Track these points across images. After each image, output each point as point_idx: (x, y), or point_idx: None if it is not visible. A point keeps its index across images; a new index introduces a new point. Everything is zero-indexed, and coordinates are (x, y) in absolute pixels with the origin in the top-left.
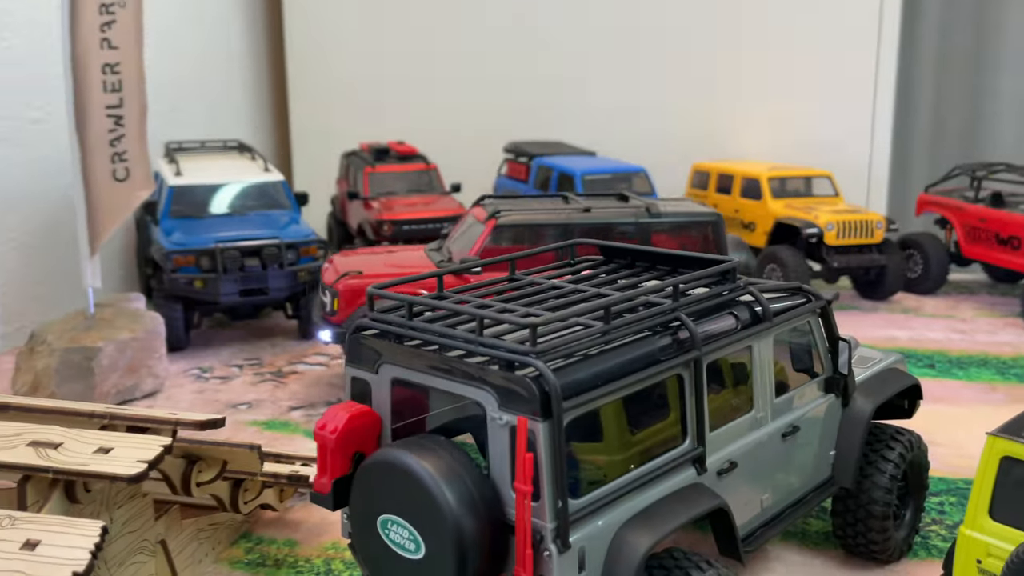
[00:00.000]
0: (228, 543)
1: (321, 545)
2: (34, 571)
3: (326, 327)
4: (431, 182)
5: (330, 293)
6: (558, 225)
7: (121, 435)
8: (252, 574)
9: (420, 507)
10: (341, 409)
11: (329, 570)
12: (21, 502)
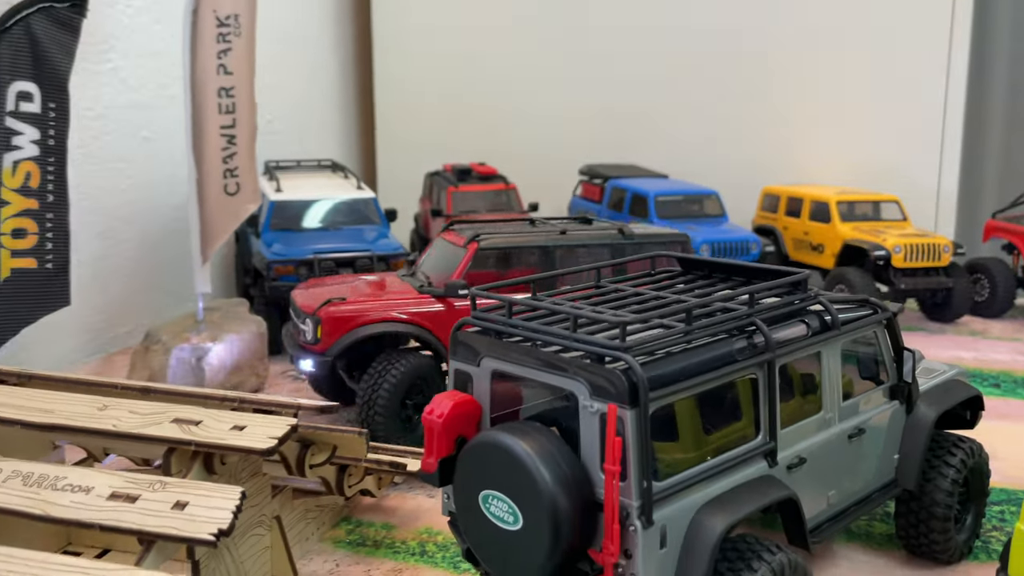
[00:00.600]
0: (331, 525)
1: (415, 529)
2: (184, 527)
3: (307, 356)
4: (509, 201)
5: (312, 321)
6: (537, 247)
7: (252, 415)
8: (353, 553)
9: (519, 484)
10: (446, 397)
11: (424, 552)
12: (166, 471)
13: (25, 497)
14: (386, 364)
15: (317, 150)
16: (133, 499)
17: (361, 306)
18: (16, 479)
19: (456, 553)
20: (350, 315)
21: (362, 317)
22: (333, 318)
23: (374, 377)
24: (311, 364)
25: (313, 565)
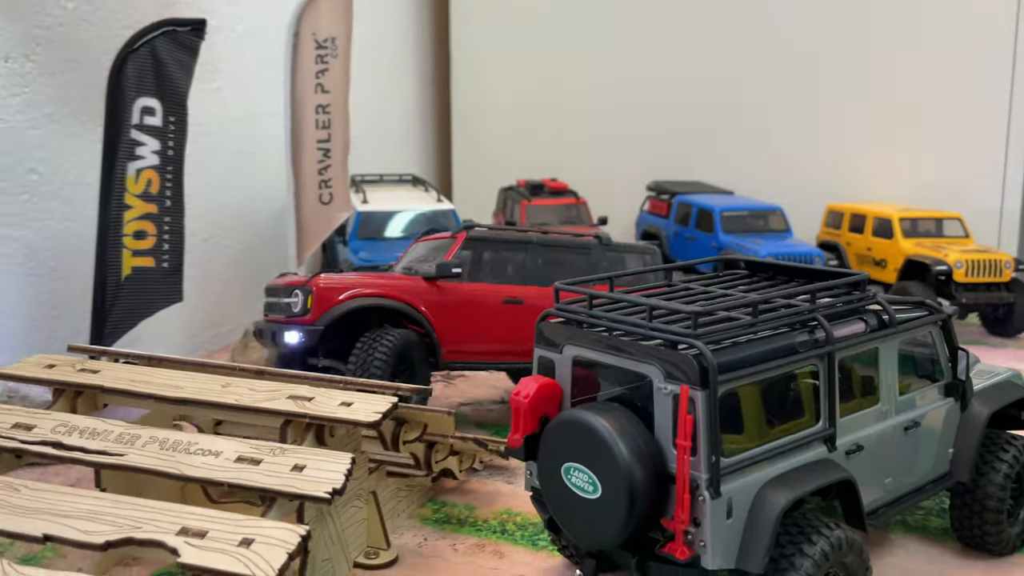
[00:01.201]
0: (419, 504)
1: (495, 510)
2: (302, 486)
3: (293, 328)
4: (579, 215)
5: (302, 292)
6: (520, 242)
7: (357, 394)
8: (439, 529)
9: (599, 457)
10: (532, 380)
11: (504, 530)
12: (282, 441)
13: (162, 459)
14: (378, 335)
15: (397, 165)
16: (257, 462)
17: (352, 280)
18: (154, 444)
19: (533, 532)
20: (342, 286)
21: (353, 290)
22: (325, 288)
23: (366, 348)
24: (296, 336)
25: (404, 539)
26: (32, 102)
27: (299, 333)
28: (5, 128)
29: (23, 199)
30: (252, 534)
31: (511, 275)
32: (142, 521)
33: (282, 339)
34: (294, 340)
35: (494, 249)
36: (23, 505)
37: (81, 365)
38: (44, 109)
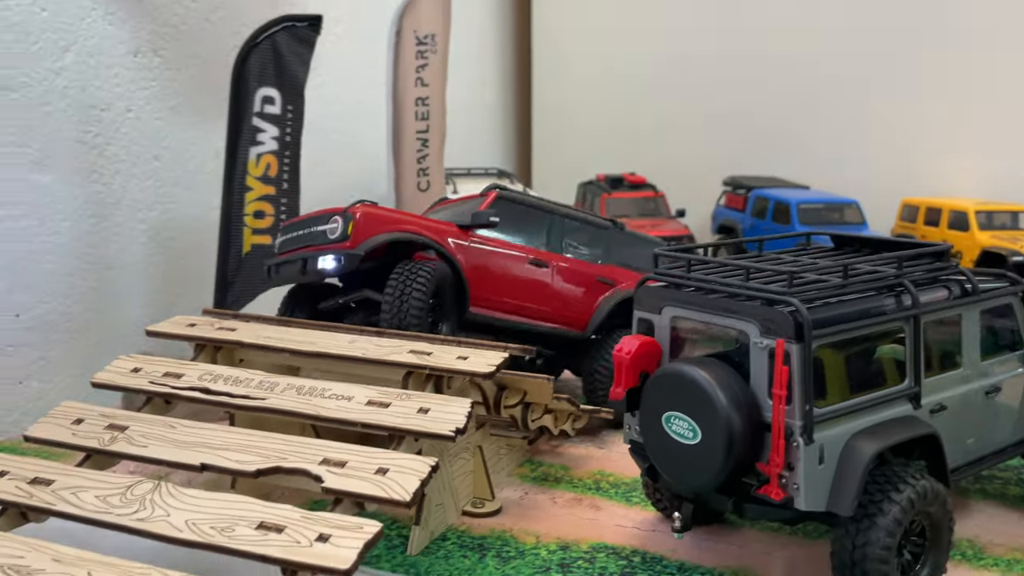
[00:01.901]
0: (517, 464)
1: (589, 471)
2: (428, 425)
3: (329, 253)
4: (658, 208)
5: (343, 219)
6: (545, 209)
7: (472, 349)
8: (539, 485)
9: (699, 405)
10: (633, 338)
11: (599, 487)
12: None
13: (300, 402)
14: (417, 264)
15: (480, 159)
16: (385, 405)
17: (392, 214)
18: (291, 390)
19: (626, 489)
20: (384, 217)
21: (394, 223)
22: (367, 216)
23: (405, 275)
24: (333, 261)
25: (506, 492)
26: (158, 95)
27: (337, 256)
28: (134, 119)
29: (148, 184)
30: (387, 464)
31: (534, 240)
32: (287, 453)
33: (315, 265)
34: (330, 265)
35: (521, 212)
36: (180, 440)
37: (219, 324)
38: (168, 102)
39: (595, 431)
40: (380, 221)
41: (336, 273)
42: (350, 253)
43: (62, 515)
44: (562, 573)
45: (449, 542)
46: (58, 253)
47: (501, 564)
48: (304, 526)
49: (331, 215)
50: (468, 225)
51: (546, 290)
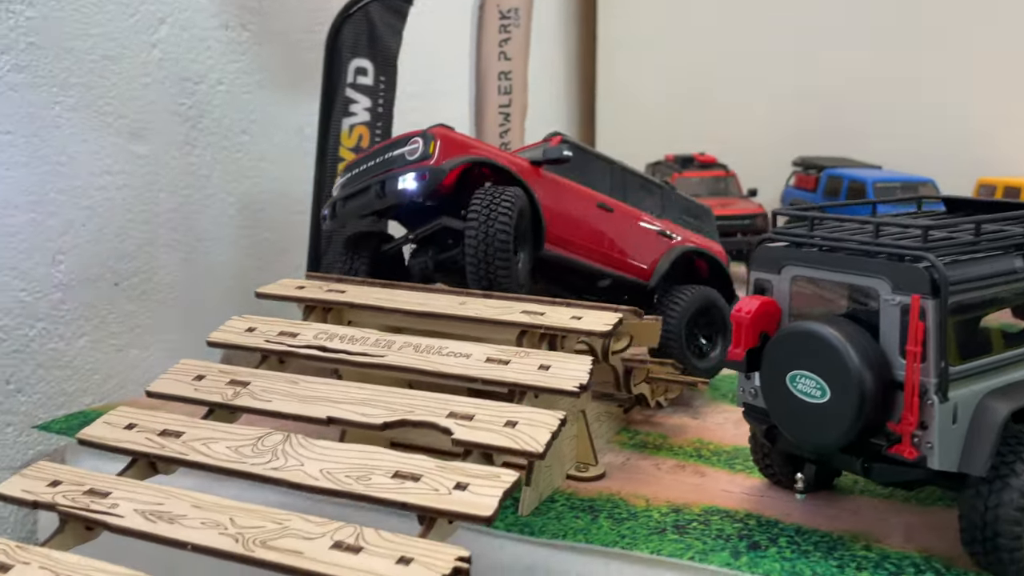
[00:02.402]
0: (615, 432)
1: (687, 439)
2: (548, 381)
3: (410, 171)
4: (728, 187)
5: (423, 139)
6: (607, 159)
7: (585, 310)
8: (639, 452)
9: (829, 363)
10: (752, 299)
11: (700, 455)
12: None
13: (419, 359)
14: (500, 189)
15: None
16: (505, 362)
17: (471, 141)
18: (408, 348)
19: (728, 457)
20: (464, 142)
21: (474, 148)
22: (449, 137)
23: (489, 198)
24: (415, 179)
25: (607, 458)
26: (246, 69)
27: (421, 172)
28: (224, 92)
29: (237, 157)
30: (515, 417)
31: (598, 187)
32: (413, 407)
33: (395, 185)
34: (412, 183)
35: (585, 159)
36: (303, 395)
37: (327, 287)
38: (255, 76)
39: (688, 402)
40: (460, 144)
41: (419, 192)
42: (435, 168)
43: (194, 465)
44: (679, 534)
45: (558, 504)
46: (154, 223)
47: (615, 525)
48: (440, 475)
49: (407, 138)
50: (540, 161)
51: (613, 235)
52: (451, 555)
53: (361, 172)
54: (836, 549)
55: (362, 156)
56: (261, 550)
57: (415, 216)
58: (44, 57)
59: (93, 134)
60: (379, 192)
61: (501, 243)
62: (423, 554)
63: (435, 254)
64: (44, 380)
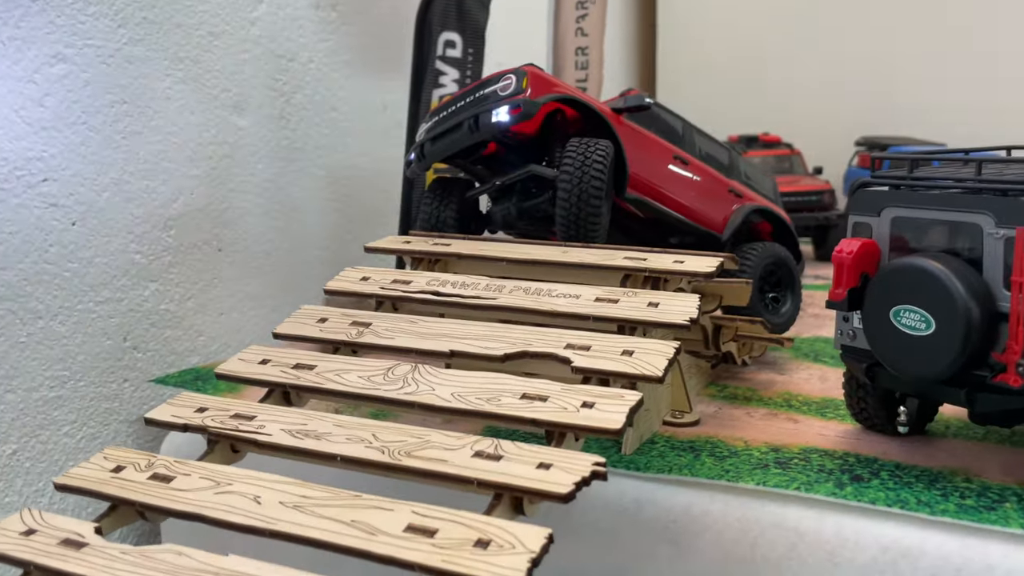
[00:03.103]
0: (703, 386)
1: (775, 392)
2: (660, 316)
3: (505, 104)
4: (793, 166)
5: (516, 75)
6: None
7: (686, 255)
8: (729, 402)
9: (934, 296)
10: (852, 240)
11: (790, 404)
12: None
13: (531, 300)
14: (591, 139)
15: None
16: (615, 301)
17: (560, 81)
18: (518, 291)
19: (818, 407)
20: (554, 80)
21: (561, 87)
22: (539, 75)
23: (582, 149)
24: (508, 111)
25: (700, 407)
26: (335, 49)
27: (515, 104)
28: (315, 70)
29: (325, 132)
30: (631, 347)
31: (672, 141)
32: (530, 340)
33: (489, 119)
34: (505, 116)
35: (659, 114)
36: (424, 332)
37: (433, 240)
38: (342, 56)
39: (771, 361)
40: (551, 83)
41: (515, 123)
42: (529, 101)
43: (329, 392)
44: (781, 469)
45: (659, 445)
46: (252, 193)
47: (718, 461)
48: (566, 396)
49: (500, 76)
50: (622, 109)
51: (688, 187)
52: (588, 460)
53: (451, 113)
54: (937, 481)
55: (450, 100)
56: (407, 459)
57: (497, 164)
58: (157, 31)
59: (200, 106)
60: (472, 126)
61: (594, 196)
62: (561, 460)
63: (519, 201)
64: (156, 339)
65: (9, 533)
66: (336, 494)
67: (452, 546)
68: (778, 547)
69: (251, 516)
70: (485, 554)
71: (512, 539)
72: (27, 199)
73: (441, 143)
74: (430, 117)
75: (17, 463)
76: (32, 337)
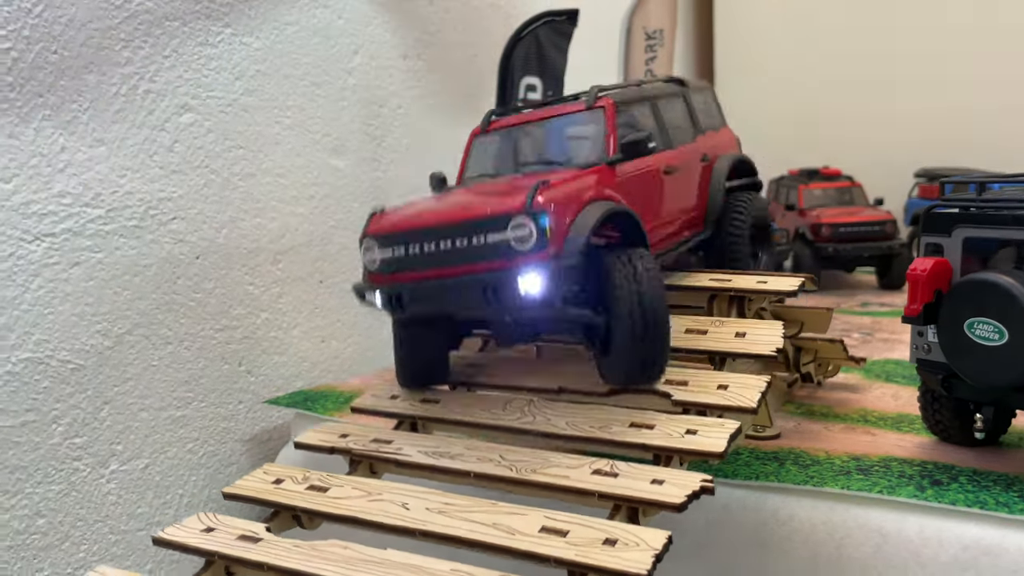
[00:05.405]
0: (780, 403)
1: (850, 408)
2: (746, 348)
3: (531, 268)
4: (854, 197)
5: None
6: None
7: (767, 276)
8: (807, 418)
9: (1006, 308)
10: (926, 259)
11: (866, 420)
12: (708, 313)
13: None
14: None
15: None
16: (703, 332)
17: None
18: None
19: (894, 422)
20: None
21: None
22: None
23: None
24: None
25: (780, 422)
26: (421, 94)
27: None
28: (403, 114)
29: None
30: (724, 381)
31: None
32: None
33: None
34: (537, 289)
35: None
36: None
37: None
38: (428, 100)
39: (844, 382)
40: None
41: (549, 297)
42: (566, 265)
43: (456, 423)
44: (863, 475)
45: (744, 456)
46: (349, 229)
47: (802, 469)
48: (671, 424)
49: (502, 218)
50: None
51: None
52: (696, 478)
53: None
54: (1014, 484)
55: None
56: (534, 475)
57: None
58: (268, 83)
59: (305, 150)
60: (490, 296)
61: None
62: (671, 477)
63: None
64: (267, 364)
65: (191, 529)
66: (476, 502)
67: (583, 544)
68: (864, 547)
69: (402, 519)
70: (613, 550)
71: (636, 539)
72: (159, 235)
73: (435, 299)
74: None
75: (148, 476)
76: (162, 360)
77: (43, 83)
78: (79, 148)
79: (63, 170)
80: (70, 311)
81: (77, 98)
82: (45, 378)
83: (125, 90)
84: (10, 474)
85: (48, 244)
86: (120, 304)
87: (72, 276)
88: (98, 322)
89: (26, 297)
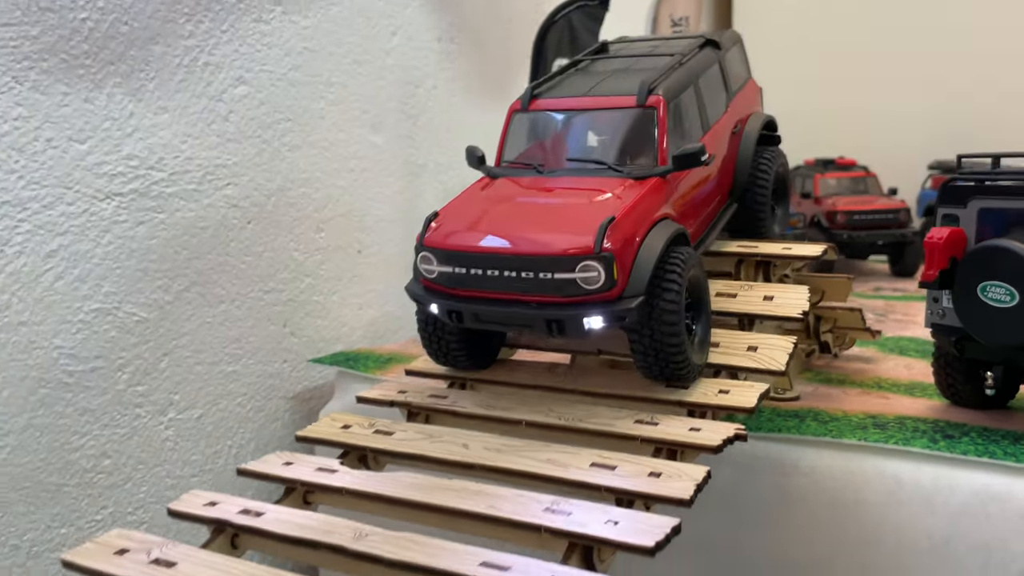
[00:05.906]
0: (799, 371)
1: (865, 377)
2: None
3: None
4: (868, 187)
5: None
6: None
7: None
8: (825, 384)
9: (1018, 272)
10: (942, 228)
11: (880, 386)
12: (736, 277)
13: None
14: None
15: None
16: (733, 296)
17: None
18: None
19: (907, 388)
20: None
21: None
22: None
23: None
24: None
25: (798, 387)
26: (454, 76)
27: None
28: (437, 95)
29: (443, 151)
30: (754, 343)
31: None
32: None
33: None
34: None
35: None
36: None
37: None
38: (460, 82)
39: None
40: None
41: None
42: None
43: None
44: (880, 430)
45: (766, 413)
46: (385, 203)
47: (821, 424)
48: (707, 385)
49: (571, 260)
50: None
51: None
52: (731, 426)
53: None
54: (1022, 439)
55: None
56: (581, 423)
57: None
58: (314, 59)
59: (346, 125)
60: (556, 329)
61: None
62: (707, 426)
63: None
64: (309, 327)
65: (272, 463)
66: (529, 443)
67: (631, 475)
68: (880, 493)
69: (464, 456)
70: (658, 481)
71: (679, 472)
72: (215, 200)
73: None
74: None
75: (201, 426)
76: (216, 318)
77: (115, 52)
78: (145, 114)
79: (131, 134)
80: (135, 266)
81: (144, 67)
82: (112, 328)
83: (187, 61)
84: (80, 416)
85: (117, 203)
86: (179, 263)
87: (138, 234)
88: (159, 278)
89: (97, 252)
